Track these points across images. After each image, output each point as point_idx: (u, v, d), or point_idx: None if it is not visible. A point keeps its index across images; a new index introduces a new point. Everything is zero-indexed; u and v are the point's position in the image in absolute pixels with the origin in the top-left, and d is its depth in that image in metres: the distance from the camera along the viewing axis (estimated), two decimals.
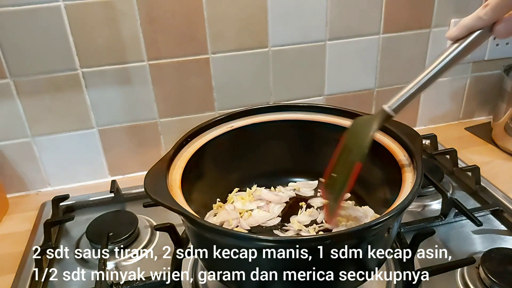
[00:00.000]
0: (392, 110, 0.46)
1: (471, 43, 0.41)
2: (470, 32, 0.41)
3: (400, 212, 0.43)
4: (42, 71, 0.69)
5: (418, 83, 0.44)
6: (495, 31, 0.40)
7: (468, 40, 0.41)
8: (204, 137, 0.59)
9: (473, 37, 0.41)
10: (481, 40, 0.41)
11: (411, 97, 0.45)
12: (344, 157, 0.49)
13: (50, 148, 0.75)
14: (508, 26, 0.39)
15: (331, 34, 0.78)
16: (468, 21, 0.40)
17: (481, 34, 0.40)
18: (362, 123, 0.48)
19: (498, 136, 0.86)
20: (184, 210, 0.43)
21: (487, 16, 0.39)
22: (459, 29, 0.41)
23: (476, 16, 0.40)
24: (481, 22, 0.40)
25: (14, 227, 0.70)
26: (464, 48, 0.41)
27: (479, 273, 0.54)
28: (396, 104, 0.45)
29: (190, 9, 0.69)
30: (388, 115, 0.46)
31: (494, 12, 0.39)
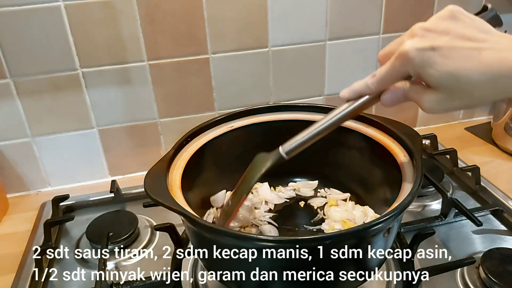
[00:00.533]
0: (285, 153, 0.48)
1: (360, 105, 0.44)
2: (360, 96, 0.43)
3: (400, 212, 0.43)
4: (42, 71, 0.69)
5: (309, 133, 0.47)
6: (381, 99, 0.42)
7: (356, 103, 0.44)
8: (204, 137, 0.59)
9: (361, 101, 0.43)
10: (369, 104, 0.43)
11: (302, 144, 0.47)
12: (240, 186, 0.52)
13: (50, 148, 0.75)
14: (393, 97, 0.41)
15: (331, 34, 0.78)
16: (358, 86, 0.43)
17: (369, 99, 0.43)
18: (260, 159, 0.51)
19: (498, 136, 0.86)
20: (184, 210, 0.43)
21: (373, 86, 0.42)
22: (349, 91, 0.44)
23: (364, 83, 0.43)
24: (368, 90, 0.42)
25: (14, 227, 0.70)
26: (353, 109, 0.44)
27: (479, 273, 0.54)
28: (289, 148, 0.48)
29: (190, 9, 0.70)
30: (281, 156, 0.49)
31: (379, 83, 0.41)
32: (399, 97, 0.41)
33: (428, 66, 0.36)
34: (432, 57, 0.36)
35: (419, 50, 0.36)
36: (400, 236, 0.58)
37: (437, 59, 0.35)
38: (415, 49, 0.36)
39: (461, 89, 0.36)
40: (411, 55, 0.36)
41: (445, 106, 0.38)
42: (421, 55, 0.36)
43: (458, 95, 0.36)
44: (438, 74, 0.36)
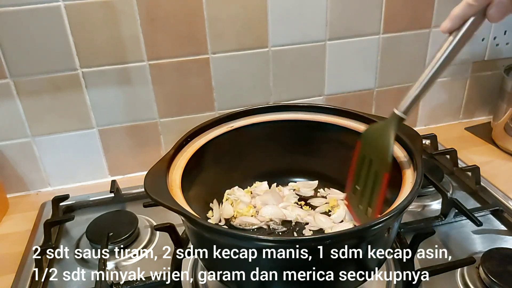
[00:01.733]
0: (403, 113, 0.46)
1: (467, 32, 0.40)
2: (463, 21, 0.40)
3: (400, 212, 0.43)
4: (42, 71, 0.69)
5: (423, 82, 0.44)
6: (488, 15, 0.39)
7: (462, 30, 0.41)
8: (204, 137, 0.59)
9: (467, 26, 0.40)
10: (475, 27, 0.40)
11: (418, 97, 0.45)
12: (365, 168, 0.49)
13: (50, 148, 0.75)
14: (500, 9, 0.38)
15: (331, 34, 0.78)
16: (459, 10, 0.40)
17: (475, 21, 0.40)
18: (376, 131, 0.48)
19: (498, 136, 0.86)
20: (184, 210, 0.43)
21: (477, 2, 0.39)
22: (451, 20, 0.41)
23: (466, 3, 0.39)
24: (471, 9, 0.39)
25: (14, 227, 0.70)
26: (460, 39, 0.41)
27: (479, 273, 0.54)
28: (405, 106, 0.46)
29: (190, 9, 0.69)
30: (400, 118, 0.46)
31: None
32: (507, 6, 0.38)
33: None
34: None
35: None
36: (400, 236, 0.58)
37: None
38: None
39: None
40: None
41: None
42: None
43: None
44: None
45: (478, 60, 0.88)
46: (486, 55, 0.88)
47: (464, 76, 0.90)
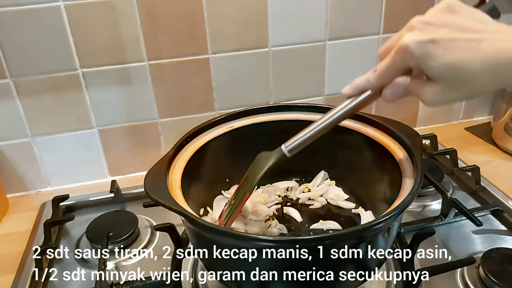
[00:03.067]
0: (287, 151, 0.49)
1: (362, 101, 0.44)
2: (361, 92, 0.44)
3: (400, 212, 0.43)
4: (42, 71, 0.69)
5: (311, 130, 0.47)
6: (383, 94, 0.42)
7: (358, 99, 0.44)
8: (204, 137, 0.59)
9: (363, 97, 0.44)
10: (371, 99, 0.44)
11: (304, 142, 0.48)
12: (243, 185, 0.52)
13: (50, 148, 0.75)
14: (394, 92, 0.41)
15: (331, 34, 0.78)
16: (359, 82, 0.43)
17: (371, 95, 0.43)
18: (263, 157, 0.51)
19: (498, 136, 0.86)
20: (184, 210, 0.43)
21: (375, 81, 0.42)
22: (351, 87, 0.44)
23: (366, 78, 0.43)
24: (369, 85, 0.43)
25: (14, 227, 0.70)
26: (355, 105, 0.44)
27: (479, 273, 0.54)
28: (291, 145, 0.49)
29: (190, 9, 0.69)
30: (283, 154, 0.49)
31: (380, 78, 0.41)
32: (400, 92, 0.41)
33: (429, 58, 0.36)
34: (432, 49, 0.36)
35: (419, 43, 0.36)
36: (400, 236, 0.58)
37: (438, 51, 0.36)
38: (415, 42, 0.36)
39: (461, 80, 0.36)
40: (411, 48, 0.37)
41: (446, 97, 0.38)
42: (422, 47, 0.36)
43: (459, 86, 0.37)
44: (439, 66, 0.36)
45: None
46: None
47: None
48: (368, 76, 0.43)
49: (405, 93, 0.41)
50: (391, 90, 0.42)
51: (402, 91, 0.41)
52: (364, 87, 0.43)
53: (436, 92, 0.38)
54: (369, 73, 0.43)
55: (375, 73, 0.42)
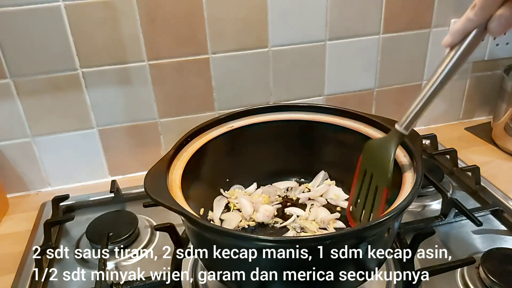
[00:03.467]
0: (403, 129, 0.46)
1: (468, 46, 0.40)
2: (464, 35, 0.40)
3: (400, 212, 0.43)
4: (42, 71, 0.69)
5: (424, 97, 0.44)
6: (490, 29, 0.39)
7: (463, 44, 0.40)
8: (204, 137, 0.59)
9: (469, 41, 0.40)
10: (477, 41, 0.40)
11: (420, 113, 0.45)
12: (366, 182, 0.50)
13: (50, 148, 0.75)
14: (501, 23, 0.38)
15: (331, 34, 0.78)
16: (460, 25, 0.40)
17: (476, 35, 0.40)
18: (377, 146, 0.49)
19: (498, 136, 0.86)
20: (184, 210, 0.43)
21: (477, 16, 0.39)
22: (452, 35, 0.41)
23: (466, 18, 0.39)
24: (472, 23, 0.39)
25: (14, 227, 0.70)
26: (461, 53, 0.41)
27: (479, 273, 0.54)
28: (407, 122, 0.46)
29: (190, 9, 0.69)
30: (401, 134, 0.47)
31: (483, 11, 0.38)
32: (509, 20, 0.38)
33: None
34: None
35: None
36: (400, 236, 0.58)
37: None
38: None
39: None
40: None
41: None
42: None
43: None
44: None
45: (478, 60, 0.88)
46: (486, 55, 0.88)
47: (464, 76, 0.90)
48: (467, 14, 0.39)
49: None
50: (496, 22, 0.38)
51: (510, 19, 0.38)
52: (466, 28, 0.39)
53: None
54: (467, 12, 0.39)
55: (475, 8, 0.38)
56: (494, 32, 0.39)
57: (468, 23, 0.39)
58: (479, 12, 0.38)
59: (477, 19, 0.38)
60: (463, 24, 0.39)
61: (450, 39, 0.41)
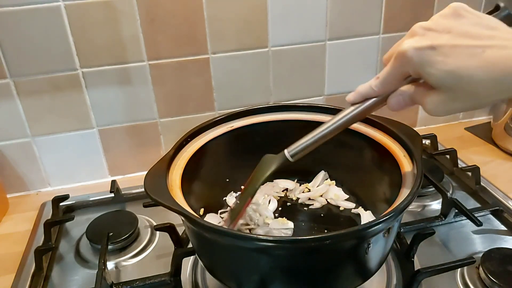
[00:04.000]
0: (290, 156, 0.48)
1: (366, 108, 0.43)
2: (365, 99, 0.43)
3: (400, 212, 0.43)
4: (42, 71, 0.69)
5: (315, 136, 0.46)
6: (388, 103, 0.41)
7: (362, 106, 0.43)
8: (204, 137, 0.59)
9: (367, 104, 0.43)
10: (375, 107, 0.43)
11: (307, 147, 0.47)
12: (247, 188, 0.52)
13: (50, 148, 0.75)
14: (399, 100, 0.40)
15: (331, 34, 0.78)
16: (362, 89, 0.42)
17: (375, 102, 0.42)
18: (267, 161, 0.51)
19: (498, 136, 0.86)
20: (184, 210, 0.43)
21: (377, 88, 0.41)
22: (354, 94, 0.43)
23: (369, 85, 0.42)
24: (372, 92, 0.41)
25: (14, 227, 0.70)
26: (358, 112, 0.43)
27: (479, 273, 0.54)
28: (294, 151, 0.48)
29: (190, 9, 0.70)
30: (286, 158, 0.49)
31: (382, 85, 0.41)
32: (406, 100, 0.40)
33: (427, 65, 0.35)
34: (432, 56, 0.35)
35: (417, 49, 0.35)
36: (400, 236, 0.58)
37: (437, 57, 0.35)
38: (413, 48, 0.36)
39: (463, 89, 0.35)
40: (409, 54, 0.36)
41: (448, 107, 0.37)
42: (420, 54, 0.35)
43: (460, 95, 0.35)
44: (438, 73, 0.35)
45: None
46: None
47: None
48: (371, 83, 0.42)
49: (411, 101, 0.40)
50: (395, 98, 0.41)
51: (408, 99, 0.40)
52: (367, 94, 0.42)
53: (438, 101, 0.37)
54: (372, 80, 0.42)
55: (377, 80, 0.41)
56: (391, 106, 0.41)
57: (370, 90, 0.42)
58: (379, 85, 0.41)
59: (377, 90, 0.41)
60: (365, 89, 0.42)
61: (352, 98, 0.43)
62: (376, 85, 0.41)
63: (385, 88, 0.41)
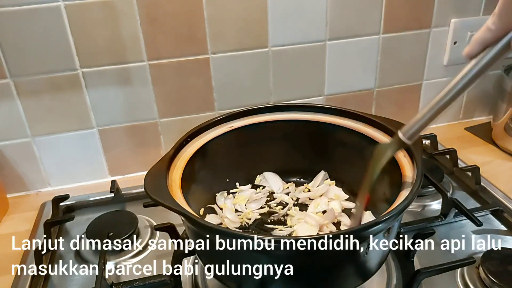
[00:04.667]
0: (407, 138, 0.44)
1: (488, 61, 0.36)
2: (483, 46, 0.36)
3: (400, 212, 0.43)
4: (42, 71, 0.69)
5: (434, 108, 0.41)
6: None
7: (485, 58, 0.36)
8: (204, 137, 0.59)
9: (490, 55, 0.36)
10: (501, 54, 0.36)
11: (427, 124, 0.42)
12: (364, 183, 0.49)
13: (50, 148, 0.75)
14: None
15: (331, 34, 0.78)
16: (479, 35, 0.36)
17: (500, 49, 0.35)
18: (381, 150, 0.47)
19: (498, 136, 0.86)
20: (184, 210, 0.43)
21: (495, 25, 0.34)
22: (472, 44, 0.37)
23: (485, 27, 0.35)
24: (490, 34, 0.35)
25: (14, 227, 0.70)
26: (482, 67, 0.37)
27: (479, 273, 0.54)
28: (411, 131, 0.44)
29: (190, 9, 0.69)
30: (402, 142, 0.45)
31: (501, 20, 0.34)
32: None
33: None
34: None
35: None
36: (400, 236, 0.58)
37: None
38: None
39: None
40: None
41: None
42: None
43: None
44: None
45: None
46: None
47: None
48: (487, 23, 0.35)
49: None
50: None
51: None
52: (485, 38, 0.35)
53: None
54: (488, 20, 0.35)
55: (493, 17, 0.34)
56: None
57: (486, 33, 0.35)
58: (497, 22, 0.34)
59: (495, 28, 0.34)
60: (482, 34, 0.36)
61: (468, 49, 0.37)
62: (493, 21, 0.34)
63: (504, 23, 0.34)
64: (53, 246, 0.61)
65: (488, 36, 0.35)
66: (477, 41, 0.36)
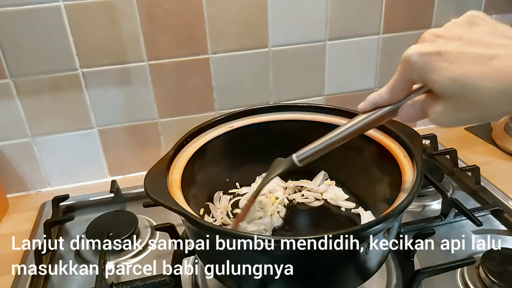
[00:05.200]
0: (298, 160, 0.48)
1: (377, 117, 0.42)
2: (375, 107, 0.41)
3: (400, 212, 0.43)
4: (42, 71, 0.69)
5: (324, 142, 0.46)
6: (398, 114, 0.40)
7: (373, 115, 0.42)
8: (204, 137, 0.59)
9: (378, 113, 0.41)
10: (386, 116, 0.41)
11: (316, 153, 0.47)
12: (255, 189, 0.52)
13: (50, 148, 0.75)
14: (410, 111, 0.39)
15: (331, 34, 0.78)
16: (373, 97, 0.41)
17: (387, 111, 0.41)
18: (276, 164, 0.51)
19: (498, 136, 0.86)
20: (184, 210, 0.43)
21: (386, 95, 0.40)
22: (365, 103, 0.42)
23: (379, 93, 0.41)
24: (382, 100, 0.40)
25: (14, 227, 0.70)
26: (369, 121, 0.42)
27: (479, 273, 0.54)
28: (302, 156, 0.48)
29: (190, 9, 0.70)
30: (294, 163, 0.48)
31: (391, 92, 0.39)
32: (417, 111, 0.39)
33: (431, 71, 0.34)
34: (436, 61, 0.33)
35: (422, 54, 0.34)
36: (400, 236, 0.58)
37: (441, 64, 0.33)
38: (418, 53, 0.35)
39: (467, 98, 0.33)
40: (412, 59, 0.35)
41: (453, 117, 0.35)
42: (424, 59, 0.34)
43: (465, 104, 0.34)
44: (441, 80, 0.33)
45: None
46: None
47: None
48: (381, 91, 0.41)
49: (422, 113, 0.39)
50: (406, 109, 0.39)
51: (419, 111, 0.39)
52: (377, 102, 0.41)
53: (442, 110, 0.35)
54: (382, 88, 0.41)
55: (386, 88, 0.40)
56: (402, 118, 0.40)
57: (379, 98, 0.41)
58: (388, 93, 0.40)
59: (386, 98, 0.40)
60: (375, 97, 0.41)
61: (362, 105, 0.42)
62: (385, 92, 0.40)
63: (394, 95, 0.40)
64: (53, 246, 0.61)
65: (380, 101, 0.41)
66: (370, 101, 0.41)
